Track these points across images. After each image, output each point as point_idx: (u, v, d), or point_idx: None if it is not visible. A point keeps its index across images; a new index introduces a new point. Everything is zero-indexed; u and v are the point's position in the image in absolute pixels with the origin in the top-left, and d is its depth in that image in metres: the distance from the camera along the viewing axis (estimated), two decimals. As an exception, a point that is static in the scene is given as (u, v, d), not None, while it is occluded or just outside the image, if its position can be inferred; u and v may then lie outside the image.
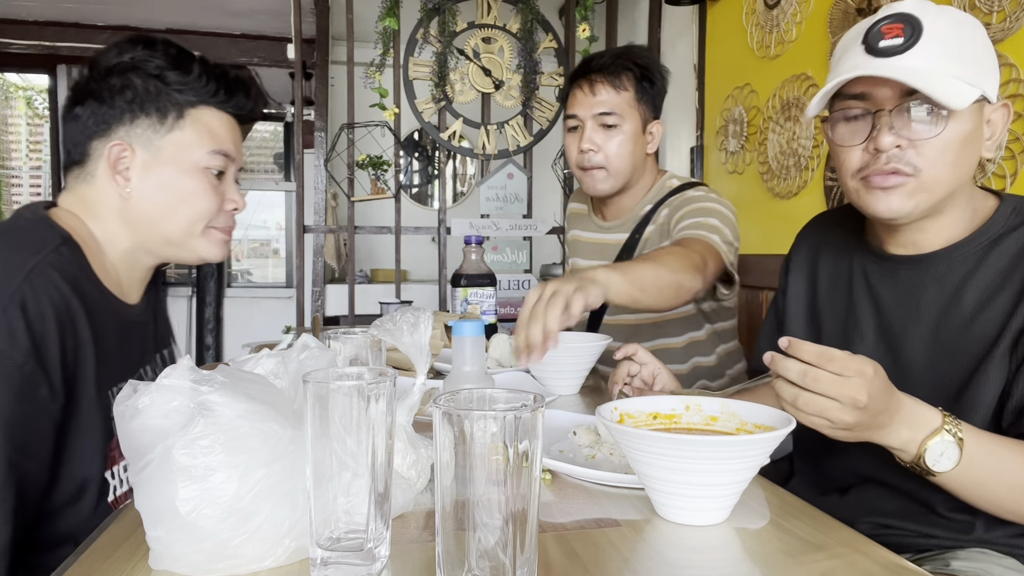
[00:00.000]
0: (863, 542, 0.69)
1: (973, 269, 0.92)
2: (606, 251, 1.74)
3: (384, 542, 0.61)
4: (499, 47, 3.34)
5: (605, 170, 1.62)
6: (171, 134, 1.04)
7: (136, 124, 1.02)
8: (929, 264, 0.96)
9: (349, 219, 3.38)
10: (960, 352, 0.91)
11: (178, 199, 1.05)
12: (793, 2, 2.58)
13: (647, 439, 0.72)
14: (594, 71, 1.60)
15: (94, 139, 1.02)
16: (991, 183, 1.75)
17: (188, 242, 1.08)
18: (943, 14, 0.88)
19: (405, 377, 1.04)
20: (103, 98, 1.01)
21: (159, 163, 1.03)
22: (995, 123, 0.92)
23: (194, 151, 1.05)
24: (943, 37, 0.87)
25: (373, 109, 3.23)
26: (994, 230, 0.92)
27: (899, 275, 0.99)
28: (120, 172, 1.02)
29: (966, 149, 0.89)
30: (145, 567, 0.62)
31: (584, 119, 1.61)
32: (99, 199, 1.03)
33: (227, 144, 1.09)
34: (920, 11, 0.88)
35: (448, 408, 0.51)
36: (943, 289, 0.94)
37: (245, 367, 0.72)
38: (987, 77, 0.88)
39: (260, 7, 4.24)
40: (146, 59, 1.03)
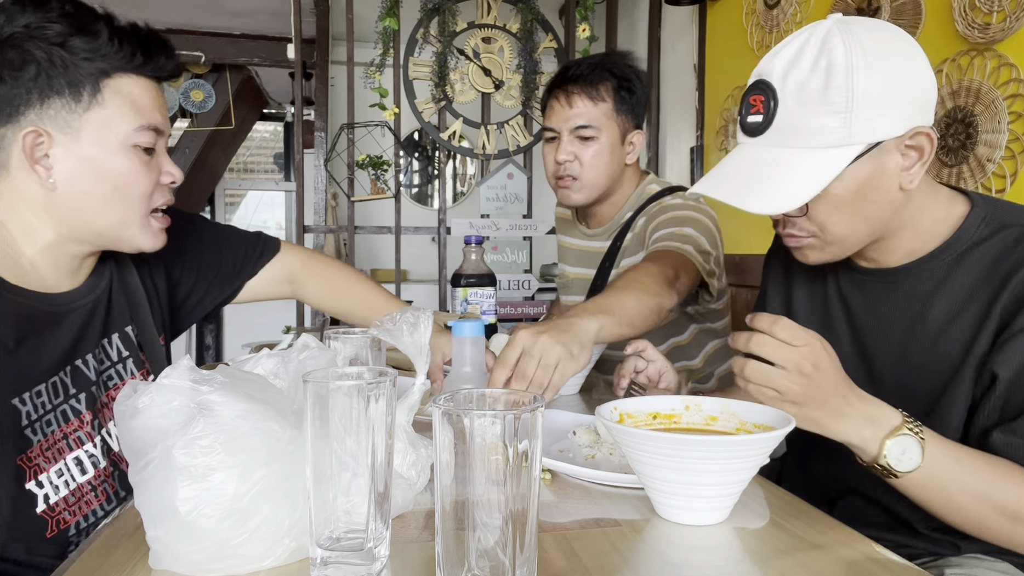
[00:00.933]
0: (863, 542, 0.69)
1: (941, 283, 0.89)
2: (590, 259, 1.72)
3: (384, 542, 0.61)
4: (499, 47, 3.34)
5: (579, 181, 1.59)
6: (90, 112, 0.91)
7: (47, 105, 0.89)
8: (897, 277, 0.94)
9: (349, 219, 3.38)
10: (927, 369, 0.90)
11: (111, 186, 0.93)
12: (793, 2, 2.58)
13: (647, 439, 0.72)
14: (571, 81, 1.55)
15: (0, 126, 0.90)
16: (991, 183, 1.75)
17: (124, 233, 0.97)
18: (811, 66, 0.81)
19: (405, 377, 1.05)
20: (2, 77, 0.88)
21: (80, 147, 0.91)
22: (920, 147, 0.84)
23: (119, 128, 0.93)
24: (803, 103, 0.81)
25: (373, 109, 3.23)
26: (962, 242, 0.89)
27: (869, 288, 0.98)
28: (38, 161, 0.90)
29: (865, 197, 0.85)
30: (145, 567, 0.62)
31: (560, 131, 1.57)
32: (14, 192, 0.92)
33: (154, 115, 0.96)
34: (782, 71, 0.83)
35: (448, 408, 0.51)
36: (909, 304, 0.92)
37: (245, 367, 0.72)
38: (877, 120, 0.81)
39: (260, 7, 4.23)
40: (43, 24, 0.89)
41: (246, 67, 4.98)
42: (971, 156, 1.81)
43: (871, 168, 0.83)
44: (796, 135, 0.83)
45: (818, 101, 0.81)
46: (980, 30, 1.78)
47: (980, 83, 1.78)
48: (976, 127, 1.79)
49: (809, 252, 0.92)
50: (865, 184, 0.84)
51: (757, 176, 0.84)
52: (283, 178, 6.49)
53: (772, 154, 0.84)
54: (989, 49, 1.77)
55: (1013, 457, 0.80)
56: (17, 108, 0.89)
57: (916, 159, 0.84)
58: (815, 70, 0.81)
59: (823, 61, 0.81)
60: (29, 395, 0.89)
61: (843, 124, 0.80)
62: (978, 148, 1.79)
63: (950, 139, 1.86)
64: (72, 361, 0.97)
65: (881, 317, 0.96)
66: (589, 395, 1.35)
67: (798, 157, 0.82)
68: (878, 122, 0.81)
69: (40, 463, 0.88)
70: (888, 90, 0.81)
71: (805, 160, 0.82)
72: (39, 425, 0.89)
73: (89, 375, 0.98)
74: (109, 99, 0.92)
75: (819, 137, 0.81)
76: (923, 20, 1.98)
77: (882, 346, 0.95)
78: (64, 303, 0.97)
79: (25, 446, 0.87)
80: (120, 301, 1.07)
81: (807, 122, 0.82)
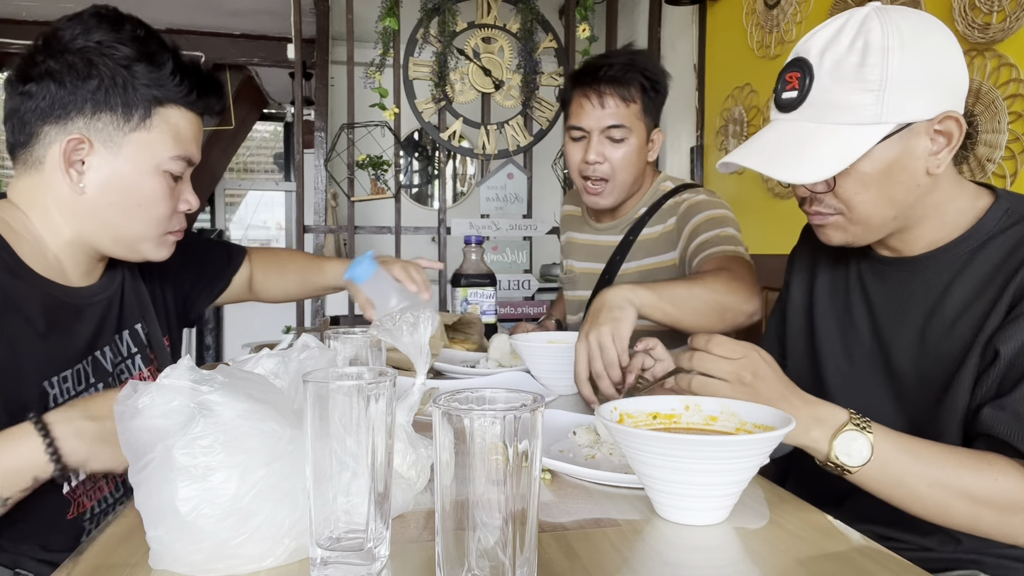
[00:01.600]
0: (863, 542, 0.69)
1: (960, 272, 0.91)
2: (599, 253, 1.73)
3: (384, 542, 0.61)
4: (499, 47, 3.34)
5: (609, 183, 1.59)
6: (135, 132, 0.97)
7: (98, 117, 0.95)
8: (917, 267, 0.95)
9: (349, 219, 3.38)
10: (942, 356, 0.91)
11: (135, 202, 0.99)
12: (793, 2, 2.58)
13: (647, 439, 0.72)
14: (603, 81, 1.54)
15: (46, 123, 0.94)
16: (991, 183, 1.75)
17: (138, 245, 1.03)
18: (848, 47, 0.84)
19: (405, 377, 1.05)
20: (63, 82, 0.93)
21: (118, 161, 0.97)
22: (949, 132, 0.86)
23: (158, 152, 0.99)
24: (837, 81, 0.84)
25: (373, 109, 3.23)
26: (983, 232, 0.90)
27: (890, 277, 0.99)
28: (73, 165, 0.95)
29: (892, 178, 0.87)
30: (145, 567, 0.62)
31: (591, 131, 1.56)
32: (45, 189, 0.97)
33: (191, 147, 1.03)
34: (819, 49, 0.85)
35: (448, 408, 0.51)
36: (929, 292, 0.93)
37: (245, 367, 0.72)
38: (908, 101, 0.83)
39: (260, 7, 4.24)
40: (114, 44, 0.95)
41: (246, 67, 4.98)
42: (971, 156, 1.81)
43: (900, 149, 0.85)
44: (829, 110, 0.85)
45: (853, 78, 0.83)
46: (980, 30, 1.78)
47: (980, 83, 1.78)
48: (976, 127, 1.79)
49: (832, 231, 0.94)
50: (893, 164, 0.86)
51: (790, 148, 0.87)
52: (283, 178, 6.49)
53: (805, 128, 0.87)
54: (989, 49, 1.77)
55: (1000, 432, 0.81)
56: (68, 113, 0.94)
57: (944, 144, 0.86)
58: (852, 49, 0.83)
59: (860, 41, 0.83)
60: (57, 379, 0.94)
61: (875, 102, 0.83)
62: (978, 148, 1.79)
63: (950, 139, 1.87)
64: (92, 352, 1.02)
65: (900, 306, 0.97)
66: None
67: (830, 131, 0.85)
68: (910, 103, 0.83)
69: None
70: (921, 73, 0.83)
71: (836, 134, 0.85)
72: None
73: (107, 367, 1.04)
74: (156, 125, 0.98)
75: (851, 113, 0.84)
76: (923, 20, 1.98)
77: (900, 334, 0.96)
78: (83, 297, 1.02)
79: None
80: (131, 300, 1.13)
81: (841, 98, 0.84)
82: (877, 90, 0.82)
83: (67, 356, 0.97)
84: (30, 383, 0.90)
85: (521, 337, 1.42)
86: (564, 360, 1.33)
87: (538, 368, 1.36)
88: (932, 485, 0.79)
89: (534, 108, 3.37)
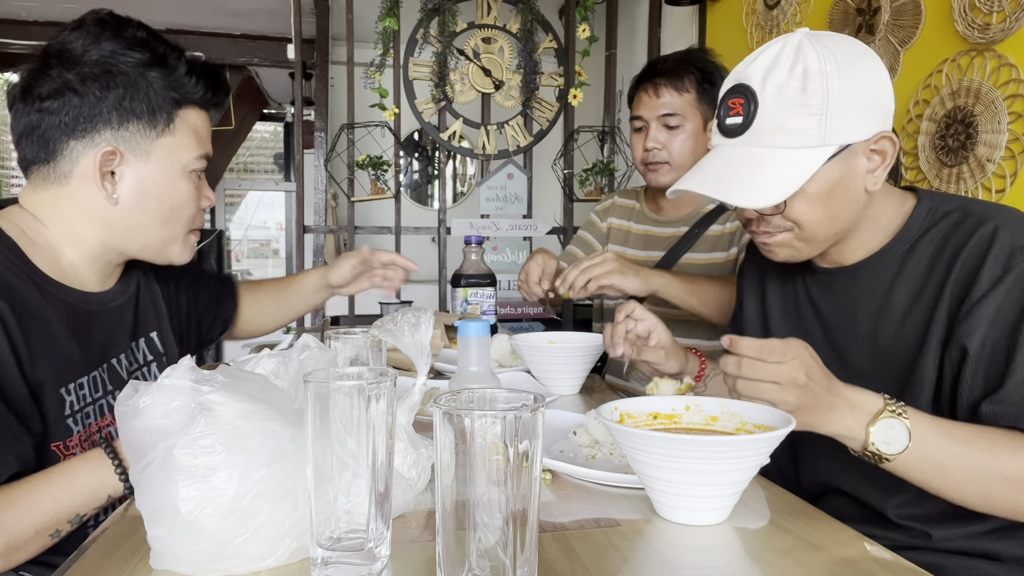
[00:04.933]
0: (863, 542, 0.69)
1: (898, 273, 0.94)
2: (657, 243, 1.80)
3: (384, 542, 0.61)
4: (499, 47, 3.34)
5: (669, 165, 1.70)
6: (162, 138, 0.99)
7: (125, 127, 0.96)
8: (857, 274, 0.98)
9: (349, 219, 3.38)
10: (897, 354, 0.93)
11: (169, 207, 1.01)
12: (793, 2, 2.58)
13: (647, 439, 0.72)
14: (658, 75, 1.68)
15: (72, 138, 0.94)
16: (991, 183, 1.75)
17: (167, 248, 1.05)
18: (788, 72, 0.86)
19: (406, 377, 1.04)
20: (85, 94, 0.93)
21: (148, 169, 0.98)
22: (883, 151, 0.90)
23: (183, 155, 1.01)
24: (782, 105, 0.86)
25: (373, 109, 3.23)
26: (912, 233, 0.94)
27: (833, 286, 1.02)
28: (105, 177, 0.96)
29: (836, 196, 0.90)
30: (146, 567, 0.63)
31: (649, 120, 1.69)
32: (70, 200, 0.97)
33: (208, 144, 1.06)
34: (761, 76, 0.87)
35: (448, 408, 0.51)
36: (872, 296, 0.97)
37: (246, 367, 0.72)
38: (848, 123, 0.86)
39: (260, 7, 4.24)
40: (125, 52, 0.96)
41: (246, 67, 4.98)
42: (971, 156, 1.81)
43: (842, 169, 0.89)
44: (775, 135, 0.88)
45: (796, 103, 0.86)
46: (980, 30, 1.78)
47: (980, 83, 1.78)
48: (976, 127, 1.79)
49: (779, 248, 0.96)
50: (836, 184, 0.89)
51: (740, 173, 0.89)
52: (283, 178, 6.49)
53: (752, 153, 0.89)
54: (989, 49, 1.77)
55: (1009, 424, 0.81)
56: (95, 126, 0.94)
57: (879, 162, 0.91)
58: (792, 75, 0.86)
59: (799, 67, 0.86)
60: (73, 386, 0.94)
61: (819, 125, 0.86)
62: (978, 148, 1.79)
63: (950, 139, 1.86)
64: (108, 359, 1.02)
65: (848, 312, 1.00)
66: (589, 395, 1.35)
67: (777, 156, 0.87)
68: (850, 125, 0.87)
69: (77, 453, 0.93)
70: (858, 96, 0.87)
71: (784, 158, 0.87)
72: (80, 416, 0.94)
73: (122, 375, 1.04)
74: (179, 128, 1.00)
75: (797, 137, 0.87)
76: (923, 20, 1.98)
77: (852, 339, 0.99)
78: (98, 302, 1.03)
79: (66, 435, 0.92)
80: (147, 307, 1.14)
81: (786, 123, 0.87)
82: (820, 114, 0.85)
83: (83, 363, 0.96)
84: (49, 389, 0.90)
85: (521, 337, 1.43)
86: (564, 360, 1.33)
87: (538, 368, 1.36)
88: (972, 468, 0.79)
89: (534, 108, 3.37)
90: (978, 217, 0.89)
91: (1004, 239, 0.85)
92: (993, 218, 0.87)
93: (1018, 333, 0.81)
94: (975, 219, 0.89)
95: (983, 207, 0.92)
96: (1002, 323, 0.82)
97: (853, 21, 2.25)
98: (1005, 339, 0.82)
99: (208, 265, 5.37)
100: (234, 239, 6.37)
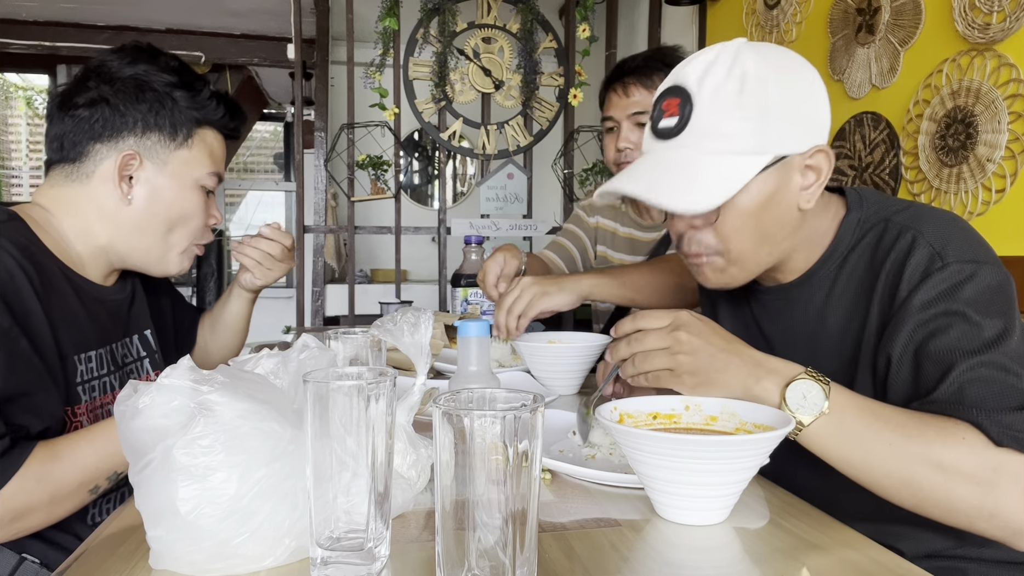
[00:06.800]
0: (863, 542, 0.69)
1: (830, 291, 0.93)
2: (641, 247, 1.79)
3: (384, 542, 0.61)
4: (499, 47, 3.34)
5: None
6: (179, 150, 1.09)
7: (147, 136, 1.06)
8: (792, 293, 0.97)
9: (349, 219, 3.38)
10: (834, 373, 0.88)
11: (176, 214, 1.10)
12: (793, 2, 2.58)
13: (647, 439, 0.72)
14: (627, 74, 1.67)
15: (98, 142, 1.04)
16: (991, 183, 1.75)
17: (167, 255, 1.12)
18: (726, 74, 0.83)
19: (405, 377, 1.04)
20: (116, 105, 1.04)
21: (163, 176, 1.08)
22: (818, 167, 0.87)
23: (196, 169, 1.10)
24: (719, 109, 0.83)
25: (373, 109, 3.23)
26: (843, 247, 0.92)
27: (772, 306, 1.00)
28: (123, 179, 1.05)
29: (768, 212, 0.87)
30: (145, 567, 0.63)
31: (620, 120, 1.67)
32: (86, 198, 1.05)
33: (221, 165, 1.16)
34: (698, 76, 0.84)
35: (448, 408, 0.51)
36: (808, 315, 0.95)
37: (245, 367, 0.72)
38: (785, 133, 0.84)
39: (260, 7, 4.24)
40: (157, 73, 1.07)
41: (246, 67, 4.98)
42: (971, 156, 1.81)
43: (775, 183, 0.86)
44: (710, 138, 0.84)
45: (733, 106, 0.82)
46: (980, 30, 1.78)
47: (980, 83, 1.78)
48: (976, 127, 1.79)
49: (710, 272, 0.92)
50: (769, 199, 0.86)
51: (672, 175, 0.85)
52: (283, 178, 6.49)
53: (686, 156, 0.85)
54: (989, 49, 1.77)
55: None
56: (120, 132, 1.05)
57: (814, 179, 0.87)
58: (729, 77, 0.83)
59: (737, 70, 0.83)
60: (84, 357, 1.01)
61: (754, 131, 0.83)
62: (978, 148, 1.79)
63: (950, 139, 1.86)
64: (108, 344, 1.08)
65: (787, 332, 0.99)
66: (589, 395, 1.35)
67: (712, 160, 0.84)
68: (786, 135, 0.84)
69: (83, 421, 0.98)
70: (795, 105, 0.84)
71: (719, 163, 0.83)
72: (87, 387, 1.00)
73: (119, 361, 1.10)
74: (196, 144, 1.11)
75: (732, 142, 0.83)
76: (923, 20, 1.98)
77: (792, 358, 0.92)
78: (101, 294, 1.09)
79: (75, 401, 0.97)
80: (140, 308, 1.20)
81: (721, 126, 0.83)
82: (756, 119, 0.82)
83: (93, 338, 1.03)
84: (67, 353, 0.96)
85: (521, 337, 1.43)
86: (564, 360, 1.33)
87: (538, 368, 1.36)
88: (896, 449, 0.73)
89: (534, 108, 3.37)
90: (898, 227, 0.86)
91: (921, 246, 0.82)
92: (911, 227, 0.85)
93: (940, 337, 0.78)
94: (895, 229, 0.87)
95: (906, 215, 0.88)
96: (923, 328, 0.80)
97: (853, 21, 2.25)
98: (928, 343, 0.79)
99: (208, 265, 5.38)
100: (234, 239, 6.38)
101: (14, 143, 6.19)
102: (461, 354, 1.02)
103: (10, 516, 0.82)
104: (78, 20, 4.56)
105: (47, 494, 0.84)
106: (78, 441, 0.89)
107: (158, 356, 1.21)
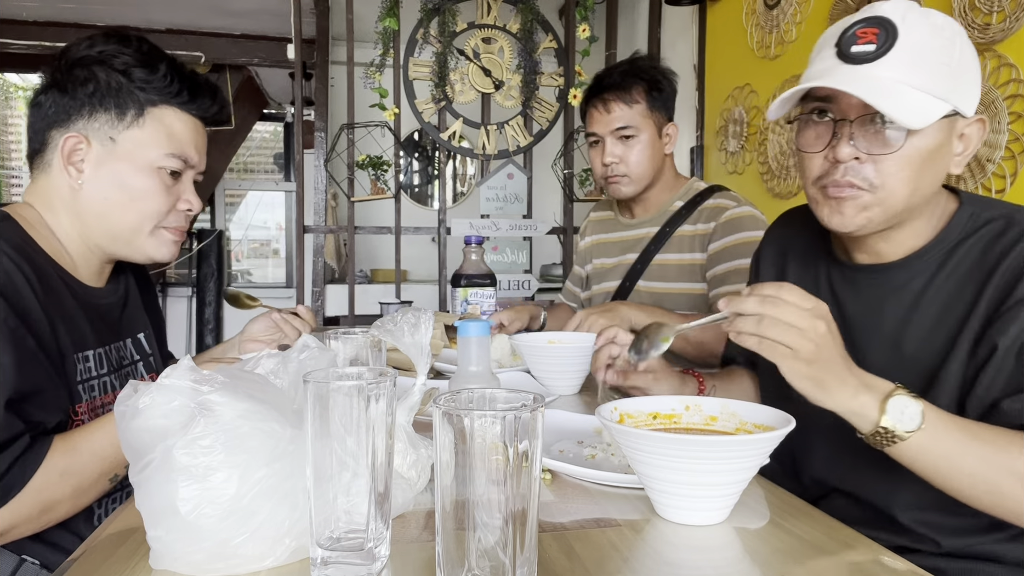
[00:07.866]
0: (863, 542, 0.69)
1: (931, 280, 0.92)
2: (632, 245, 1.81)
3: (384, 542, 0.61)
4: (499, 47, 3.34)
5: (628, 177, 1.73)
6: (129, 131, 1.04)
7: (94, 118, 1.02)
8: (889, 275, 0.95)
9: (349, 219, 3.38)
10: (921, 362, 0.91)
11: (128, 196, 1.04)
12: (793, 2, 2.58)
13: (647, 439, 0.72)
14: (606, 90, 1.70)
15: (53, 128, 1.03)
16: (991, 183, 1.75)
17: (135, 240, 1.07)
18: (923, 19, 0.85)
19: (405, 377, 1.04)
20: (66, 88, 1.02)
21: (113, 158, 1.03)
22: (969, 138, 0.89)
23: (150, 150, 1.04)
24: (919, 46, 0.84)
25: (373, 109, 3.23)
26: (951, 238, 0.91)
27: (861, 285, 0.99)
28: (73, 163, 1.02)
29: (929, 165, 0.87)
30: (145, 567, 0.63)
31: (603, 135, 1.72)
32: (52, 189, 1.04)
33: (186, 147, 1.08)
34: (899, 15, 0.85)
35: (448, 408, 0.51)
36: (902, 300, 0.94)
37: (245, 367, 0.72)
38: (963, 90, 0.86)
39: (260, 7, 4.23)
40: (115, 54, 1.03)
41: (246, 67, 4.98)
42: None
43: (943, 136, 0.87)
44: (909, 72, 0.84)
45: (932, 49, 0.85)
46: (980, 30, 1.78)
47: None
48: (976, 127, 1.79)
49: (852, 209, 0.90)
50: (936, 150, 0.87)
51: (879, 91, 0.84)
52: (283, 178, 6.49)
53: (889, 77, 0.84)
54: (989, 49, 1.77)
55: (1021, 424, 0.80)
56: (70, 116, 1.03)
57: (962, 149, 0.89)
58: (930, 23, 0.85)
59: (933, 18, 0.86)
60: (82, 356, 1.00)
61: (946, 77, 0.84)
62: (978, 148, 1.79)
63: (950, 139, 1.86)
64: (105, 344, 1.08)
65: (873, 311, 0.97)
66: (589, 395, 1.35)
67: (907, 89, 0.84)
68: (964, 93, 0.86)
69: (84, 420, 0.98)
70: (973, 69, 0.87)
71: (914, 94, 0.84)
72: (87, 386, 1.00)
73: (114, 362, 1.09)
74: (149, 124, 1.05)
75: (928, 80, 0.84)
76: (923, 20, 1.97)
77: (875, 340, 0.96)
78: (95, 296, 1.08)
79: (76, 400, 0.97)
80: (133, 311, 1.19)
81: (920, 62, 0.84)
82: (949, 67, 0.84)
83: (89, 339, 1.03)
84: (67, 352, 0.97)
85: (521, 337, 1.43)
86: (564, 360, 1.33)
87: (538, 368, 1.36)
88: (981, 459, 0.77)
89: (534, 108, 3.37)
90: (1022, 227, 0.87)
91: None
92: None
93: None
94: (1019, 229, 0.87)
95: None
96: None
97: (853, 21, 2.25)
98: None
99: (208, 265, 5.38)
100: (234, 239, 6.37)
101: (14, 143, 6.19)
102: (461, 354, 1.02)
103: (38, 510, 0.84)
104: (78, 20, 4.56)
105: (70, 487, 0.86)
106: (94, 432, 0.90)
107: (152, 359, 1.19)
